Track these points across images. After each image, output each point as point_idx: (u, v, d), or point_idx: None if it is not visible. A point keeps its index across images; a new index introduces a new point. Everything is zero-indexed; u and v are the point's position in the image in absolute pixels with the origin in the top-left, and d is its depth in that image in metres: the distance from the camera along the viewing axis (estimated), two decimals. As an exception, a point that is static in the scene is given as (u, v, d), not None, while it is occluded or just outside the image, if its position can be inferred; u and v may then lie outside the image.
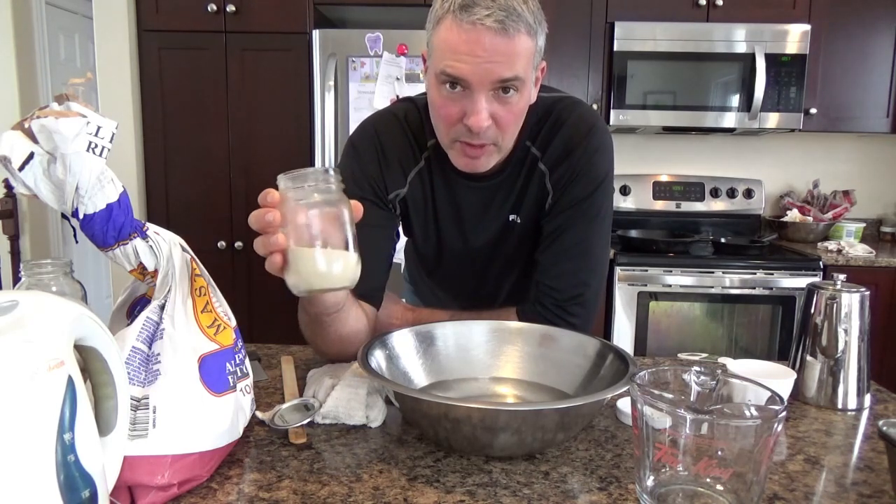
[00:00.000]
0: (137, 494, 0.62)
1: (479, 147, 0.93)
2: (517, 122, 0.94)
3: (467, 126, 0.89)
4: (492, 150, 0.94)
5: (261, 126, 2.57)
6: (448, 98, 0.90)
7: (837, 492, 0.69)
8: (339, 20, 2.87)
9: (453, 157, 0.97)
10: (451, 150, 0.96)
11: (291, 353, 1.08)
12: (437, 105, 0.92)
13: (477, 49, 0.84)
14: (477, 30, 0.83)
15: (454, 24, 0.85)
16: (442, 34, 0.87)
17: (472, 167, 0.96)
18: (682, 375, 0.69)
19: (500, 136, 0.92)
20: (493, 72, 0.85)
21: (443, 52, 0.87)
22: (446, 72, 0.87)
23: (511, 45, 0.84)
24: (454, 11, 0.84)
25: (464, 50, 0.84)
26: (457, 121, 0.91)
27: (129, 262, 0.67)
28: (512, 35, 0.84)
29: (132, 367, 0.63)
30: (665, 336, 2.44)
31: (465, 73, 0.86)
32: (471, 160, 0.95)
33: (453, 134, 0.93)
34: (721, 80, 2.56)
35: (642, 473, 0.64)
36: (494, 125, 0.90)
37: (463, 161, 0.96)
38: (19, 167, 0.60)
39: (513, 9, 0.83)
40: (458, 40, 0.84)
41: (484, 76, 0.86)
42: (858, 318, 0.91)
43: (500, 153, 0.96)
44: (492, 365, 0.93)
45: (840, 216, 2.84)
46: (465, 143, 0.93)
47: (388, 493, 0.66)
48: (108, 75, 2.56)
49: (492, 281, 1.18)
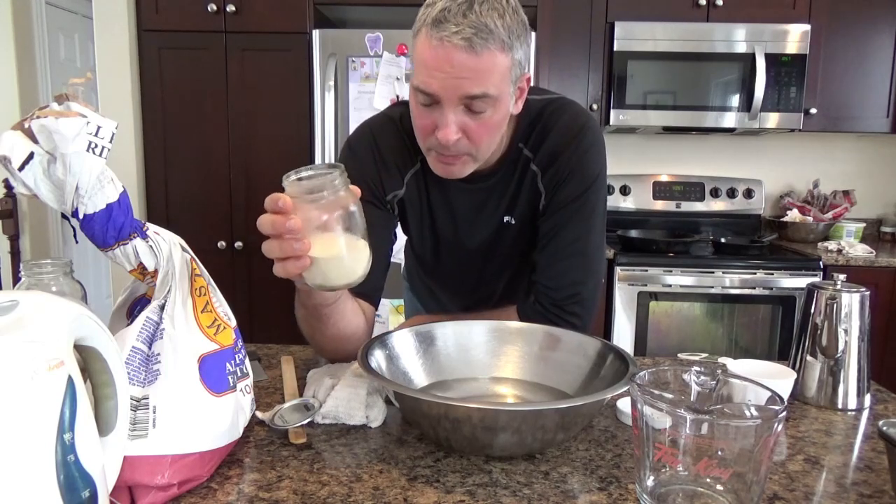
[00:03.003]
0: (137, 494, 0.62)
1: (452, 156, 0.94)
2: (492, 135, 0.94)
3: (437, 139, 0.90)
4: (466, 159, 0.95)
5: (261, 126, 2.57)
6: (423, 110, 0.91)
7: (837, 492, 0.69)
8: (339, 20, 2.87)
9: (431, 164, 0.98)
10: (428, 156, 0.98)
11: (291, 353, 1.08)
12: (414, 115, 0.94)
13: (445, 66, 0.84)
14: (444, 47, 0.84)
15: (426, 39, 0.86)
16: (418, 47, 0.88)
17: (447, 173, 0.97)
18: (682, 375, 0.69)
19: (472, 148, 0.93)
20: (460, 87, 0.86)
21: (418, 65, 0.88)
22: (419, 87, 0.88)
23: (479, 62, 0.84)
24: (427, 25, 0.85)
25: (433, 66, 0.85)
26: (430, 132, 0.92)
27: (129, 262, 0.67)
28: (479, 52, 0.84)
29: (132, 367, 0.63)
30: (665, 336, 2.44)
31: (434, 88, 0.87)
32: (445, 166, 0.96)
33: (428, 144, 0.95)
34: (721, 80, 2.56)
35: (642, 473, 0.64)
36: (466, 138, 0.91)
37: (439, 167, 0.97)
38: (19, 167, 0.60)
39: (484, 25, 0.83)
40: (429, 56, 0.85)
41: (451, 92, 0.86)
42: (858, 318, 0.91)
43: (477, 162, 0.97)
44: (492, 365, 0.93)
45: (840, 216, 2.84)
46: (438, 152, 0.94)
47: (388, 493, 0.66)
48: (108, 75, 2.55)
49: (488, 280, 1.19)
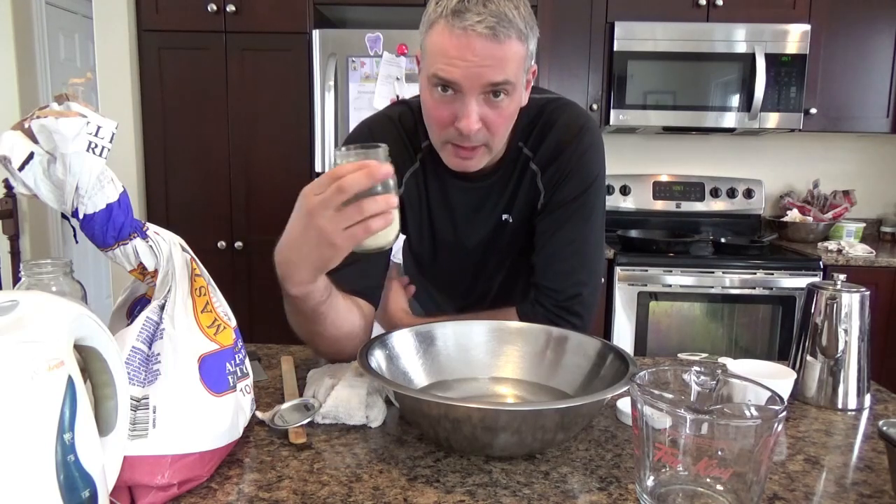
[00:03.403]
0: (137, 494, 0.62)
1: (469, 149, 0.94)
2: (507, 125, 0.95)
3: (458, 129, 0.91)
4: (483, 151, 0.95)
5: (261, 126, 2.57)
6: (440, 101, 0.91)
7: (837, 492, 0.69)
8: (339, 20, 2.87)
9: (445, 158, 0.98)
10: (443, 150, 0.98)
11: (291, 353, 1.08)
12: (430, 107, 0.94)
13: (468, 54, 0.85)
14: (468, 35, 0.84)
15: (446, 29, 0.86)
16: (434, 38, 0.88)
17: (463, 167, 0.97)
18: (682, 375, 0.69)
19: (490, 138, 0.94)
20: (483, 76, 0.87)
21: (435, 55, 0.88)
22: (438, 75, 0.88)
23: (501, 50, 0.86)
24: (446, 16, 0.86)
25: (455, 54, 0.86)
26: (448, 123, 0.92)
27: (129, 262, 0.67)
28: (502, 40, 0.85)
29: (132, 367, 0.63)
30: (665, 336, 2.44)
31: (457, 76, 0.87)
32: (462, 160, 0.96)
33: (445, 136, 0.94)
34: (721, 80, 2.56)
35: (642, 473, 0.64)
36: (485, 128, 0.92)
37: (454, 161, 0.97)
38: (19, 167, 0.60)
39: (504, 15, 0.85)
40: (450, 45, 0.86)
41: (474, 80, 0.87)
42: (858, 318, 0.91)
43: (491, 154, 0.98)
44: (492, 365, 0.93)
45: (840, 216, 2.83)
46: (456, 144, 0.94)
47: (388, 493, 0.66)
48: (108, 75, 2.55)
49: (485, 278, 1.19)
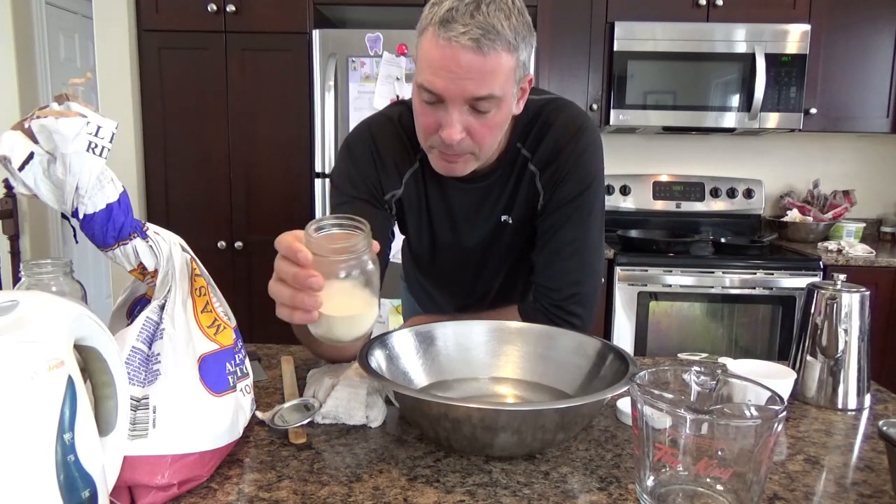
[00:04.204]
0: (137, 494, 0.62)
1: (454, 155, 0.94)
2: (494, 135, 0.94)
3: (441, 138, 0.90)
4: (468, 158, 0.95)
5: (261, 126, 2.57)
6: (426, 108, 0.91)
7: (837, 492, 0.69)
8: (339, 20, 2.87)
9: (432, 161, 0.98)
10: (430, 154, 0.98)
11: (291, 353, 1.08)
12: (417, 112, 0.94)
13: (452, 65, 0.84)
14: (452, 47, 0.84)
15: (433, 39, 0.85)
16: (423, 46, 0.88)
17: (449, 171, 0.97)
18: (682, 375, 0.69)
19: (475, 147, 0.93)
20: (466, 89, 0.86)
21: (422, 64, 0.88)
22: (423, 85, 0.88)
23: (486, 63, 0.84)
24: (435, 25, 0.85)
25: (439, 65, 0.85)
26: (433, 131, 0.92)
27: (129, 262, 0.67)
28: (486, 53, 0.84)
29: (132, 367, 0.63)
30: (665, 336, 2.44)
31: (440, 88, 0.87)
32: (448, 164, 0.96)
33: (430, 142, 0.95)
34: (721, 80, 2.56)
35: (642, 473, 0.64)
36: (469, 137, 0.91)
37: (441, 164, 0.97)
38: (19, 167, 0.60)
39: (491, 27, 0.83)
40: (435, 55, 0.85)
41: (457, 93, 0.86)
42: (858, 318, 0.91)
43: (479, 160, 0.97)
44: (492, 365, 0.93)
45: (840, 216, 2.83)
46: (441, 151, 0.94)
47: (388, 493, 0.66)
48: (108, 75, 2.55)
49: (483, 280, 1.19)
